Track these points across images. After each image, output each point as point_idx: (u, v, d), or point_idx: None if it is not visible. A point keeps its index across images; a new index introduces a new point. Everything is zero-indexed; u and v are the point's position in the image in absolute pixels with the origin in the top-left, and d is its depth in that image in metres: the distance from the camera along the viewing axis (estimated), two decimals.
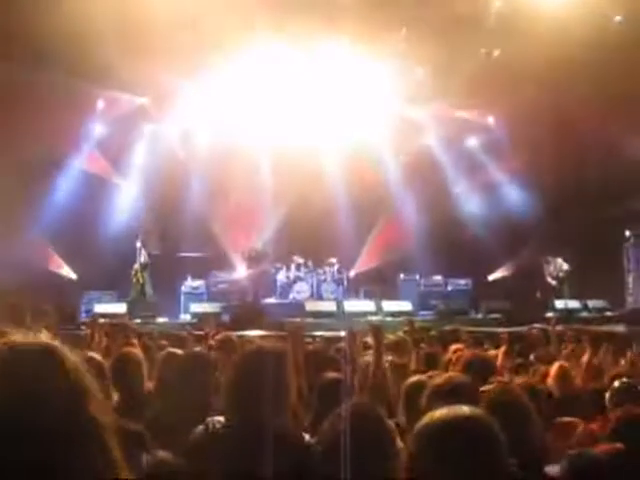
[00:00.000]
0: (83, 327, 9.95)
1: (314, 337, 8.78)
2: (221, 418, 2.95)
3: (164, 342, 7.01)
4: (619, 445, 3.23)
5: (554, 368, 5.61)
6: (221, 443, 2.83)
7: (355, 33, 15.62)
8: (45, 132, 15.30)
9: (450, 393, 3.16)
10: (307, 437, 3.02)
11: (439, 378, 3.48)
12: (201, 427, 2.96)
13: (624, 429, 3.54)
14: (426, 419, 2.14)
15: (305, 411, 4.14)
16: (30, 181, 16.27)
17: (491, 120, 19.44)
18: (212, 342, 6.27)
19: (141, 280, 16.97)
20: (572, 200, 17.79)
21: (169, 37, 14.30)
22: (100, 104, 17.68)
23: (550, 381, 5.51)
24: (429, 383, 3.51)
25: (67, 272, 17.83)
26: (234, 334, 6.98)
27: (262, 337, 7.97)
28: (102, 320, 8.03)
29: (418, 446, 2.09)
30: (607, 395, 4.67)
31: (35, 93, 14.96)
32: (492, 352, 6.76)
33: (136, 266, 16.96)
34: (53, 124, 15.29)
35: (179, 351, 5.00)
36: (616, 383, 4.77)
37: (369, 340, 7.71)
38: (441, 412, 2.14)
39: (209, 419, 2.97)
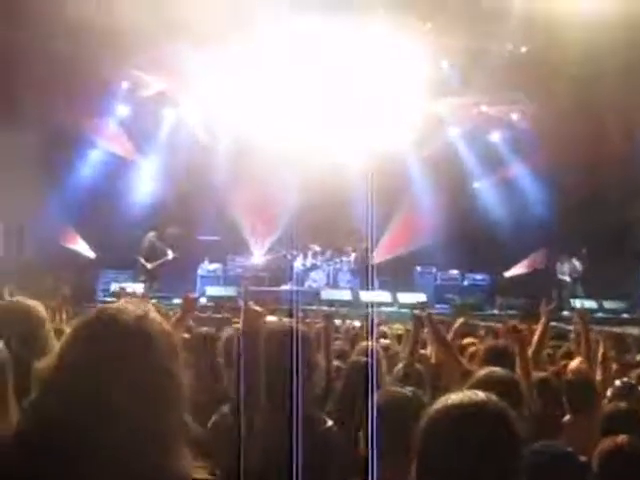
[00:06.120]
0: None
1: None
2: None
3: None
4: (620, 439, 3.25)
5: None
6: (245, 424, 2.83)
7: (381, 24, 15.56)
8: (70, 108, 15.35)
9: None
10: (329, 422, 2.99)
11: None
12: (226, 407, 2.97)
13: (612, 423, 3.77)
14: (442, 401, 2.08)
15: None
16: (51, 156, 16.36)
17: (515, 116, 19.29)
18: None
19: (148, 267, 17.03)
20: (593, 199, 17.65)
21: (194, 20, 14.28)
22: (125, 85, 17.72)
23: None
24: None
25: (85, 250, 17.88)
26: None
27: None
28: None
29: (432, 427, 2.03)
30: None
31: (62, 69, 14.95)
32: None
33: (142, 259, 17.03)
34: (78, 100, 15.33)
35: None
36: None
37: (384, 329, 7.82)
38: (457, 396, 2.08)
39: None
